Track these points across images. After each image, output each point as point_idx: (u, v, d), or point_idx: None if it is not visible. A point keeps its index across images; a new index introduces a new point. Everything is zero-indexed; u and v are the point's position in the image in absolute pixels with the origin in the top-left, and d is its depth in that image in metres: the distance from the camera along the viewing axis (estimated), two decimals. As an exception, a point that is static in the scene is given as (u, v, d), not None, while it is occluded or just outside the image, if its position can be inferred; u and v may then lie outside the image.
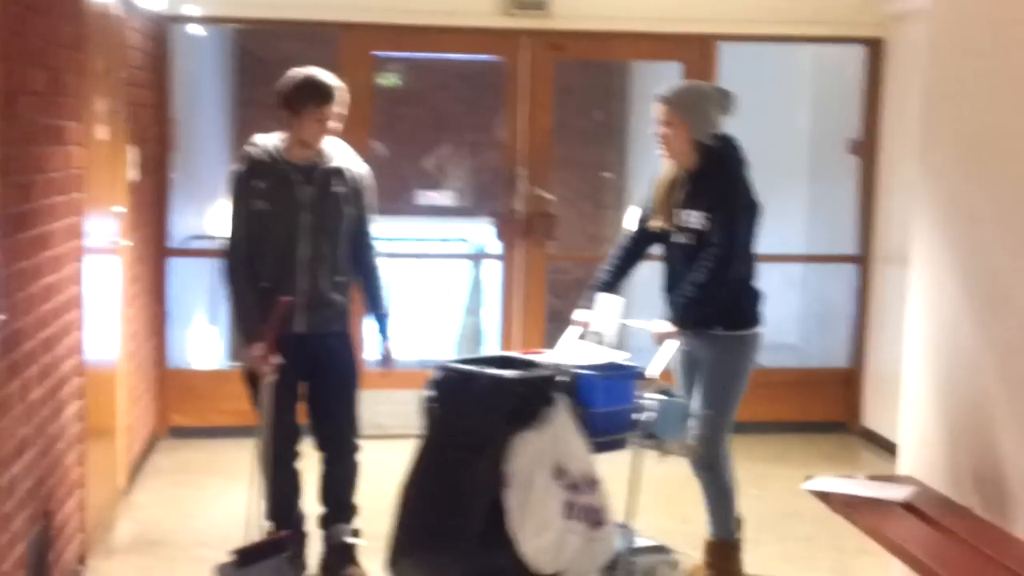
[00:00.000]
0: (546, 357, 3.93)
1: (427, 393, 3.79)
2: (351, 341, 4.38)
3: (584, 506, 3.60)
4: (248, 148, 4.29)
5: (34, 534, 3.81)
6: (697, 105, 4.16)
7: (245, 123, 10.10)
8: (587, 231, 9.49)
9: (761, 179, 8.35)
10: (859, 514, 3.80)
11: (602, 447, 3.78)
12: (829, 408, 6.89)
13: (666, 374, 4.10)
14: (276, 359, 4.12)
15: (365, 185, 4.33)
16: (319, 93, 4.18)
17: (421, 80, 9.31)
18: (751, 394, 6.77)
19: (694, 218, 4.15)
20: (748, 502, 5.56)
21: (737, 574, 4.37)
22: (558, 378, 3.70)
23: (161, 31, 6.29)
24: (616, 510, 3.78)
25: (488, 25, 6.51)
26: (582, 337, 4.24)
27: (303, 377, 4.28)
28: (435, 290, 8.97)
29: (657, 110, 4.20)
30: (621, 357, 3.97)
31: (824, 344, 7.59)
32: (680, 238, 4.20)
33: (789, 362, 7.72)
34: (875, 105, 6.79)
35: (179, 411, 6.42)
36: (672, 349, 4.04)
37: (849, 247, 7.00)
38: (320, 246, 4.20)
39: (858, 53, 6.87)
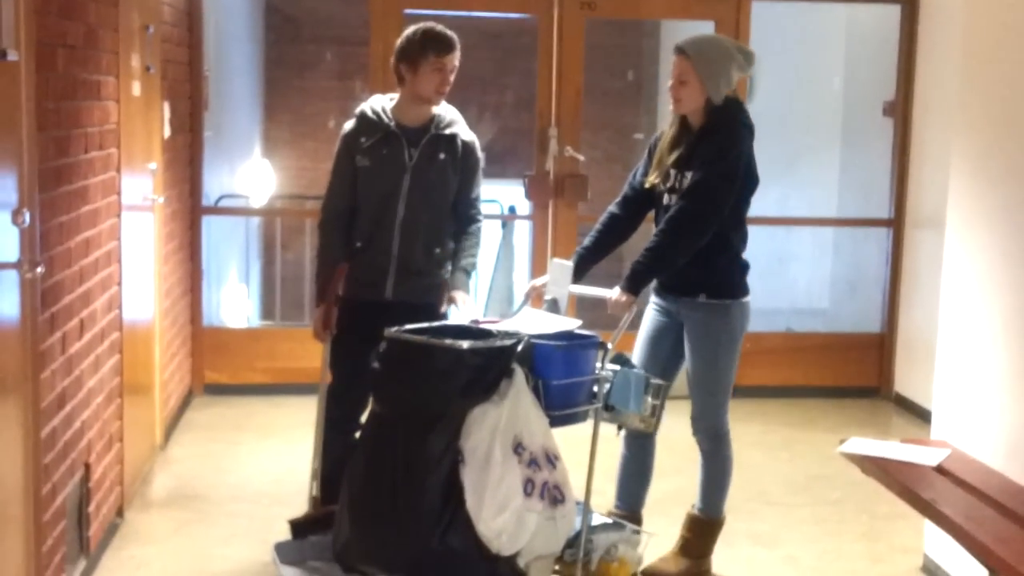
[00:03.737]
0: (501, 326, 3.67)
1: (374, 365, 3.50)
2: (443, 317, 4.13)
3: (543, 483, 3.38)
4: (361, 106, 4.17)
5: (73, 486, 3.86)
6: (718, 64, 3.93)
7: (274, 82, 10.13)
8: (617, 193, 9.43)
9: (793, 142, 8.35)
10: (892, 477, 3.79)
11: (559, 420, 3.55)
12: (861, 373, 6.86)
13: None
14: (330, 327, 4.09)
15: (473, 154, 4.18)
16: (439, 42, 4.03)
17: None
18: (783, 358, 6.86)
19: (688, 180, 3.94)
20: (779, 466, 5.59)
21: (708, 555, 4.19)
22: (516, 347, 3.46)
23: (193, -12, 6.28)
24: (574, 486, 3.55)
25: (520, -17, 6.48)
26: (536, 304, 4.06)
27: None
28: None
29: (676, 63, 3.96)
30: (574, 325, 3.70)
31: (856, 309, 7.56)
32: (672, 200, 3.98)
33: (820, 327, 7.71)
34: (909, 66, 6.70)
35: (213, 368, 6.46)
36: (628, 318, 3.84)
37: (882, 211, 6.95)
38: (418, 212, 4.06)
39: (892, 13, 6.79)
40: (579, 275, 4.08)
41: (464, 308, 4.04)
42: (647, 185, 4.08)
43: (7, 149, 3.21)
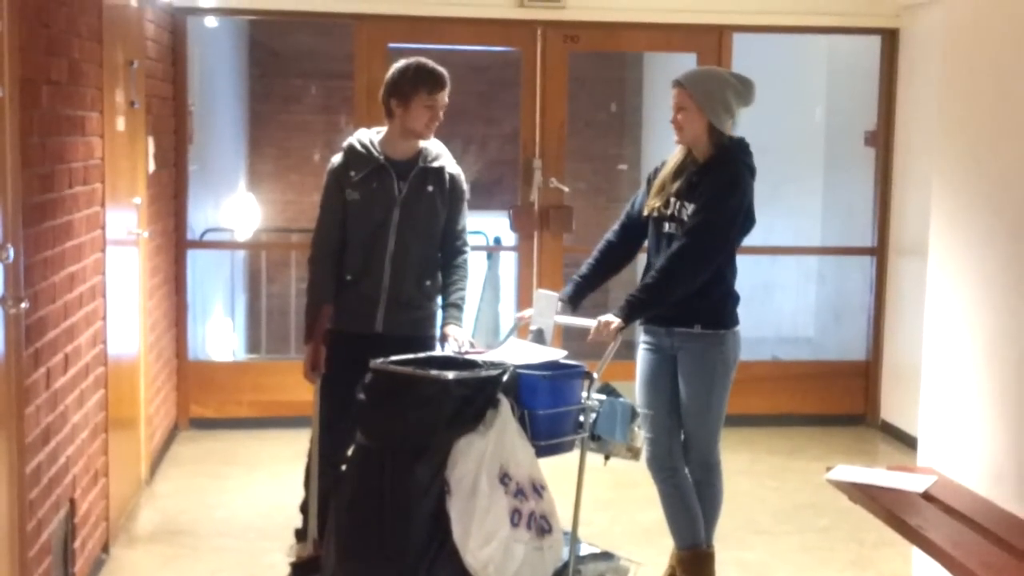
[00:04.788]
0: (487, 356, 3.67)
1: (360, 396, 3.50)
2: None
3: (530, 513, 3.39)
4: (348, 139, 4.19)
5: (58, 522, 3.83)
6: (714, 90, 3.99)
7: (259, 116, 10.16)
8: (602, 224, 9.48)
9: (776, 171, 8.40)
10: (879, 504, 3.80)
11: (545, 450, 3.55)
12: (847, 401, 6.88)
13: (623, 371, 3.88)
14: (319, 368, 4.10)
15: (460, 186, 4.21)
16: (432, 79, 4.06)
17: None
18: (769, 387, 6.87)
19: (688, 211, 3.98)
20: (767, 494, 5.59)
21: None
22: (502, 378, 3.47)
23: (176, 23, 6.30)
24: (561, 516, 3.55)
25: (503, 16, 6.52)
26: (522, 335, 4.07)
27: None
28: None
29: (673, 95, 4.03)
30: (560, 355, 3.72)
31: (841, 337, 7.58)
32: (671, 228, 4.02)
33: (806, 355, 7.71)
34: (890, 96, 6.77)
35: (199, 403, 6.45)
36: (613, 347, 3.86)
37: (865, 239, 6.99)
38: (408, 244, 4.08)
39: (873, 44, 6.86)
40: (575, 303, 4.10)
41: (458, 344, 4.01)
42: (646, 211, 4.11)
43: (-9, 184, 3.21)
